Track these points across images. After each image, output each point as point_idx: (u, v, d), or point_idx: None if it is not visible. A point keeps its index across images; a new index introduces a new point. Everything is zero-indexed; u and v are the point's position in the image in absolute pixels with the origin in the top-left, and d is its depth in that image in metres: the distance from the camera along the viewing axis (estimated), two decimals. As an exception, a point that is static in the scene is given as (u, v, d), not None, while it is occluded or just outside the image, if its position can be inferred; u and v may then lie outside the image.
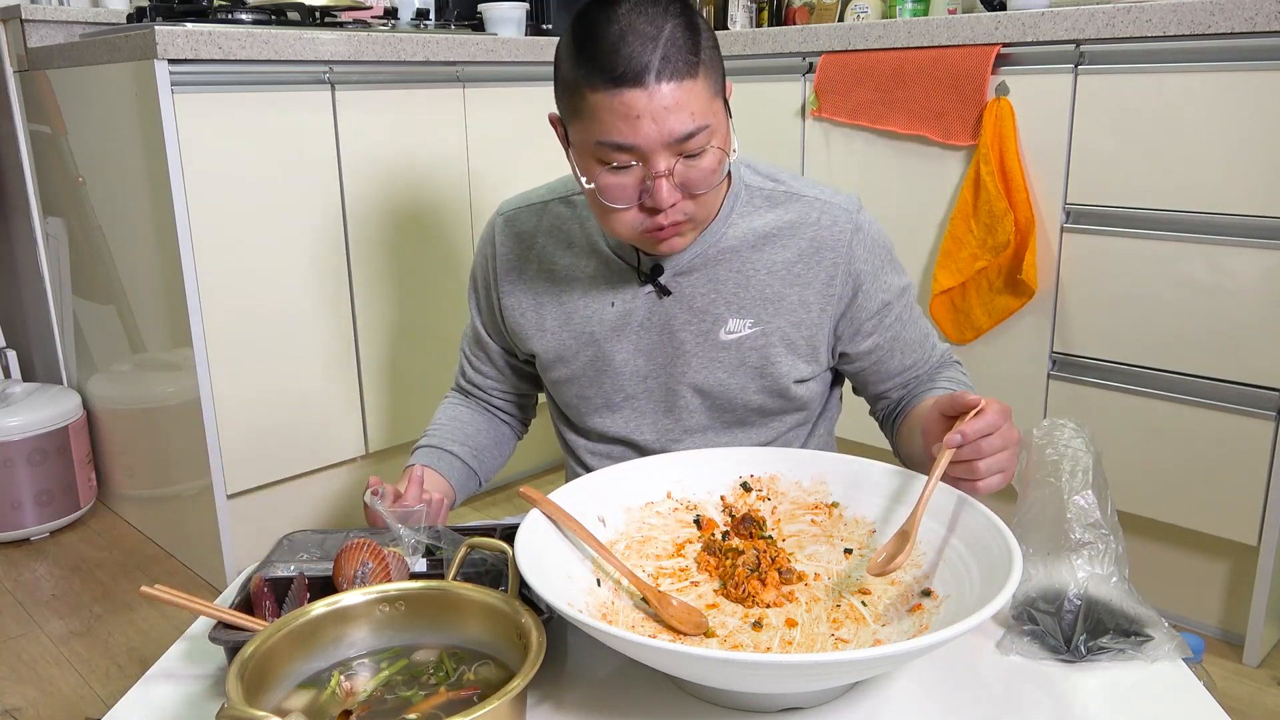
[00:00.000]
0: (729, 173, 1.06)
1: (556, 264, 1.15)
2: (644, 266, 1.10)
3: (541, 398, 1.35)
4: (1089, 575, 0.84)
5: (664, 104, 0.92)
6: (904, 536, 0.85)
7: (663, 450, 1.14)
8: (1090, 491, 0.86)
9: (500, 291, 1.19)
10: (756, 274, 1.09)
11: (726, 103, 1.01)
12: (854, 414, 1.35)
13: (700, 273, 1.10)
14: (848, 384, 1.26)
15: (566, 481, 1.29)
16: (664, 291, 1.10)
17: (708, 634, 0.83)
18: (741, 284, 1.09)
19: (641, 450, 1.17)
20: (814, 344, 1.12)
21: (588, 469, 1.22)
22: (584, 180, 0.99)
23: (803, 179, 1.14)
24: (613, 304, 1.12)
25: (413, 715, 0.71)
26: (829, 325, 1.11)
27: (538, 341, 1.18)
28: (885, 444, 2.19)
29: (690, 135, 0.94)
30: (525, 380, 1.30)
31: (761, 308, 1.10)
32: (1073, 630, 0.82)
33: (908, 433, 1.13)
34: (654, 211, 0.98)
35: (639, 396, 1.16)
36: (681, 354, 1.12)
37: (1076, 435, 0.89)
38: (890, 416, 1.21)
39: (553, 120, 1.04)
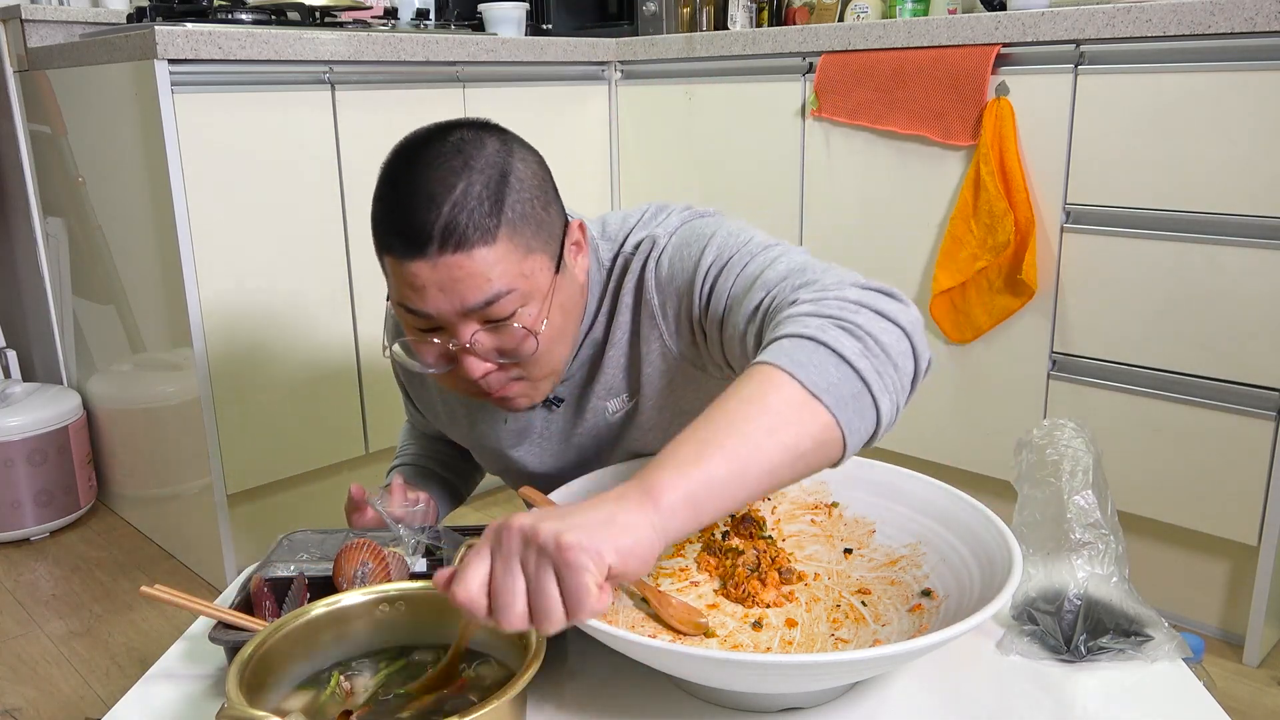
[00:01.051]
0: (566, 342, 0.96)
1: (444, 389, 1.11)
2: None
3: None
4: (1089, 575, 0.84)
5: (450, 274, 0.83)
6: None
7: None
8: (1090, 491, 0.86)
9: (410, 388, 1.20)
10: (628, 354, 1.01)
11: (561, 256, 0.91)
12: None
13: (578, 378, 1.04)
14: None
15: None
16: (555, 402, 1.05)
17: (708, 634, 0.83)
18: (618, 368, 1.02)
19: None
20: (695, 368, 1.00)
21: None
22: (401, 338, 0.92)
23: (648, 224, 1.01)
24: (505, 420, 1.07)
25: (405, 714, 0.71)
26: (686, 346, 0.98)
27: (449, 429, 1.17)
28: (885, 444, 2.18)
29: (489, 303, 0.84)
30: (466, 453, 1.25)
31: (626, 380, 1.02)
32: (1073, 630, 0.82)
33: None
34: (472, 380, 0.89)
35: (558, 483, 1.07)
36: (584, 456, 1.08)
37: (1076, 435, 0.89)
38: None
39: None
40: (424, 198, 0.83)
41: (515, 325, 0.87)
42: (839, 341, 0.72)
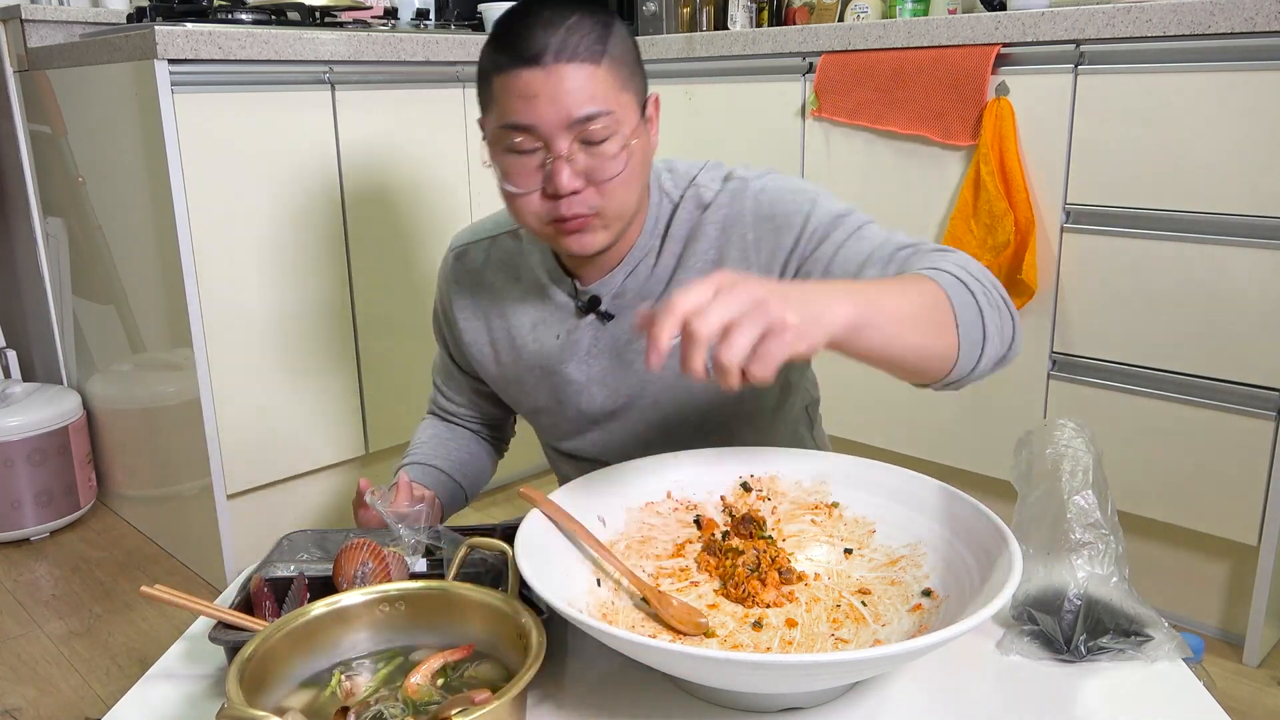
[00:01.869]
0: (649, 189, 1.05)
1: (505, 297, 1.16)
2: (581, 299, 1.10)
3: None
4: (1089, 575, 0.84)
5: (562, 85, 0.93)
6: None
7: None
8: (1090, 491, 0.86)
9: (458, 328, 1.20)
10: (685, 277, 1.07)
11: (646, 113, 1.01)
12: (854, 414, 1.35)
13: (634, 293, 1.09)
14: (840, 370, 1.21)
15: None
16: (606, 317, 1.10)
17: (708, 634, 0.83)
18: (673, 289, 1.05)
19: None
20: None
21: (571, 459, 1.23)
22: (493, 166, 1.00)
23: (710, 169, 1.11)
24: (558, 336, 1.12)
25: (395, 706, 0.71)
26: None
27: (495, 373, 1.19)
28: (885, 444, 2.19)
29: (589, 118, 0.94)
30: (497, 406, 1.30)
31: None
32: (1073, 630, 0.82)
33: None
34: (555, 200, 0.97)
35: (601, 420, 1.15)
36: (633, 373, 1.11)
37: (1077, 435, 0.89)
38: None
39: (480, 123, 1.03)
40: (544, 20, 0.94)
41: (608, 145, 0.95)
42: (986, 297, 0.88)
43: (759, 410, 1.18)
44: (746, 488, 1.00)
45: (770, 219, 1.04)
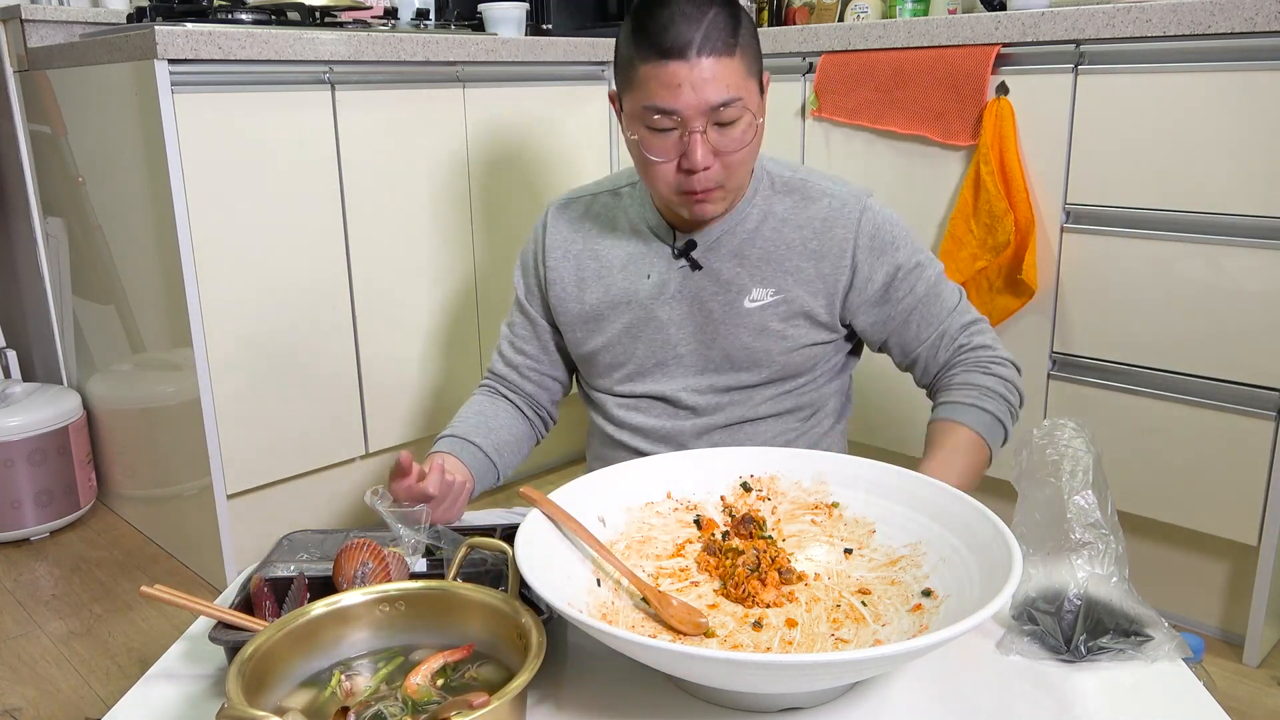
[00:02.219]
0: (753, 164, 1.21)
1: (600, 244, 1.28)
2: (679, 243, 1.23)
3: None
4: (1089, 575, 0.84)
5: (703, 75, 1.06)
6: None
7: (689, 405, 1.25)
8: (1090, 491, 0.86)
9: (546, 267, 1.30)
10: (777, 250, 1.22)
11: (762, 91, 1.15)
12: (855, 415, 1.35)
13: (727, 248, 1.22)
14: (860, 383, 1.33)
15: (588, 445, 1.38)
16: (695, 266, 1.23)
17: (708, 634, 0.83)
18: (763, 258, 1.22)
19: (671, 403, 1.27)
20: (830, 311, 1.23)
21: (614, 421, 1.31)
22: (632, 138, 1.13)
23: (818, 172, 1.27)
24: (649, 276, 1.25)
25: (390, 703, 0.71)
26: (840, 295, 1.22)
27: (576, 306, 1.28)
28: (885, 444, 2.19)
29: (724, 104, 1.08)
30: (563, 362, 1.37)
31: (782, 279, 1.22)
32: (1073, 630, 0.82)
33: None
34: (689, 173, 1.11)
35: (669, 362, 1.26)
36: (710, 322, 1.24)
37: (1077, 435, 0.89)
38: (930, 394, 1.28)
39: (611, 97, 1.19)
40: (685, 15, 1.07)
41: (737, 127, 1.10)
42: (1003, 415, 1.18)
43: (817, 405, 1.31)
44: (746, 488, 1.00)
45: (871, 239, 1.21)
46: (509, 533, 0.89)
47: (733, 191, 1.17)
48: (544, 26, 2.68)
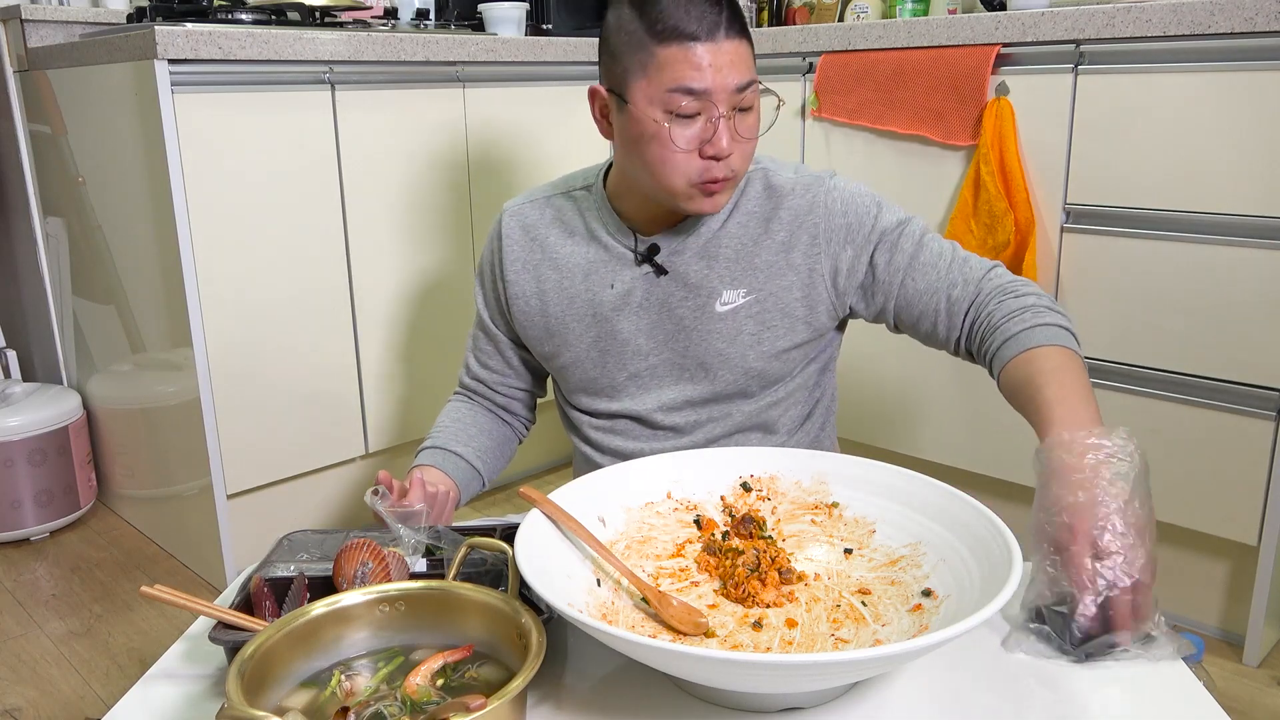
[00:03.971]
0: None
1: (559, 251, 1.22)
2: (640, 248, 1.18)
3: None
4: (1108, 582, 0.82)
5: (727, 57, 1.04)
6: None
7: (667, 425, 1.20)
8: (1132, 504, 0.84)
9: (505, 280, 1.25)
10: (744, 247, 1.16)
11: None
12: (854, 414, 1.35)
13: (693, 250, 1.17)
14: (843, 372, 1.28)
15: (574, 465, 1.33)
16: (661, 271, 1.17)
17: (708, 634, 0.83)
18: (732, 257, 1.16)
19: (647, 424, 1.22)
20: (811, 304, 1.17)
21: (593, 445, 1.26)
22: (646, 130, 1.07)
23: (778, 160, 1.22)
24: (612, 285, 1.19)
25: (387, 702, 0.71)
26: (825, 283, 1.16)
27: (540, 324, 1.23)
28: (885, 444, 2.19)
29: (747, 86, 1.06)
30: (530, 374, 1.34)
31: (753, 277, 1.16)
32: (1085, 633, 0.81)
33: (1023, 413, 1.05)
34: (713, 161, 1.07)
35: (643, 375, 1.21)
36: (681, 329, 1.18)
37: (1126, 443, 0.87)
38: (978, 354, 1.14)
39: (596, 92, 1.13)
40: None
41: (752, 113, 1.09)
42: (1063, 322, 1.06)
43: (801, 417, 1.25)
44: (746, 488, 1.00)
45: (843, 216, 1.16)
46: (509, 533, 0.89)
47: (739, 180, 1.13)
48: (544, 26, 2.68)
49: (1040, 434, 0.92)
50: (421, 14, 2.45)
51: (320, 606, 0.77)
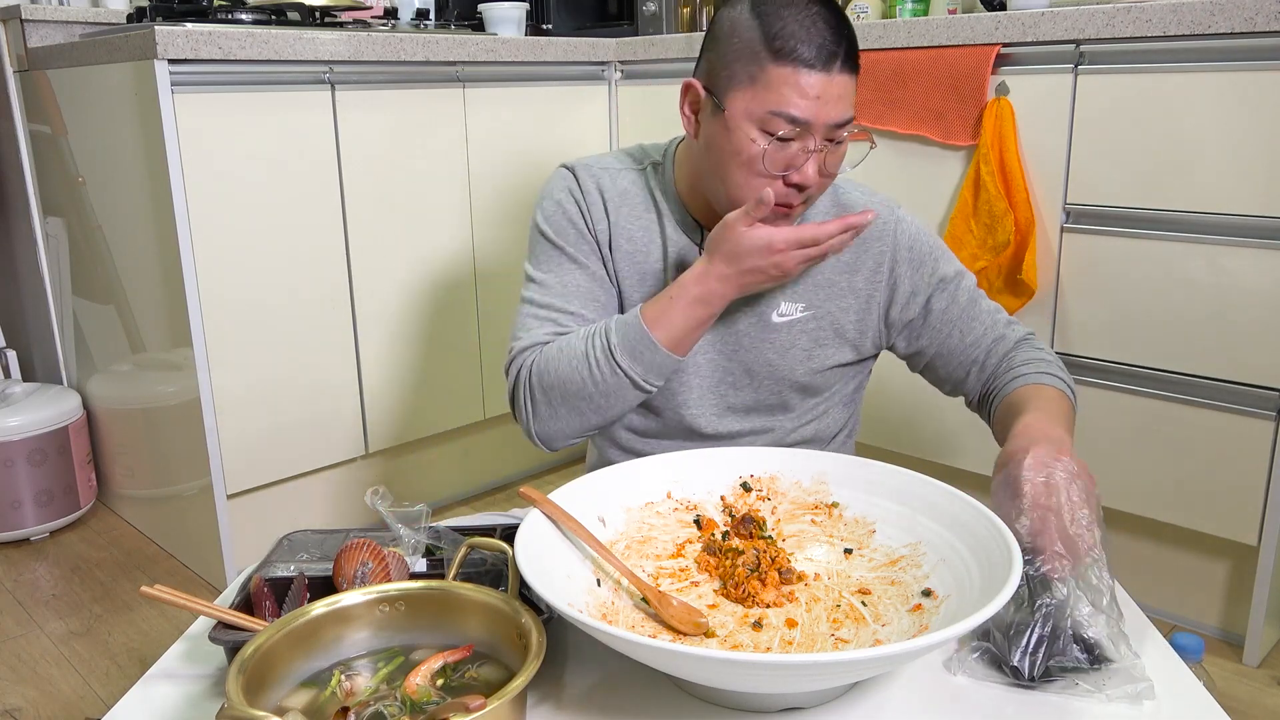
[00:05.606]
0: None
1: (632, 225, 1.17)
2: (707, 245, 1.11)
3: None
4: (1056, 604, 0.81)
5: (837, 91, 1.01)
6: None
7: (701, 427, 1.18)
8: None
9: (598, 235, 1.16)
10: (816, 268, 1.15)
11: None
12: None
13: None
14: (869, 398, 1.28)
15: (587, 462, 1.30)
16: None
17: (708, 634, 0.83)
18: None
19: (686, 428, 1.19)
20: (862, 329, 1.18)
21: (619, 446, 1.23)
22: (746, 141, 1.02)
23: (846, 179, 1.20)
24: (675, 274, 1.15)
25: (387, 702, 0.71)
26: (878, 311, 1.17)
27: (632, 270, 1.17)
28: (887, 445, 2.18)
29: (845, 123, 1.03)
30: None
31: (814, 293, 1.16)
32: (1025, 653, 0.79)
33: (1001, 432, 1.10)
34: (797, 188, 1.04)
35: (687, 371, 1.17)
36: (733, 334, 1.16)
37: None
38: (983, 406, 1.18)
39: (689, 86, 1.08)
40: (830, 24, 1.00)
41: (843, 147, 1.05)
42: (1069, 383, 1.11)
43: (832, 431, 1.25)
44: (746, 488, 1.00)
45: (909, 250, 1.16)
46: (509, 533, 0.89)
47: (803, 212, 1.11)
48: (544, 26, 2.69)
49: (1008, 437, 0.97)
50: (421, 14, 2.46)
51: (320, 606, 0.77)
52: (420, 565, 0.91)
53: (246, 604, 0.85)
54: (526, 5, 2.50)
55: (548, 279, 1.16)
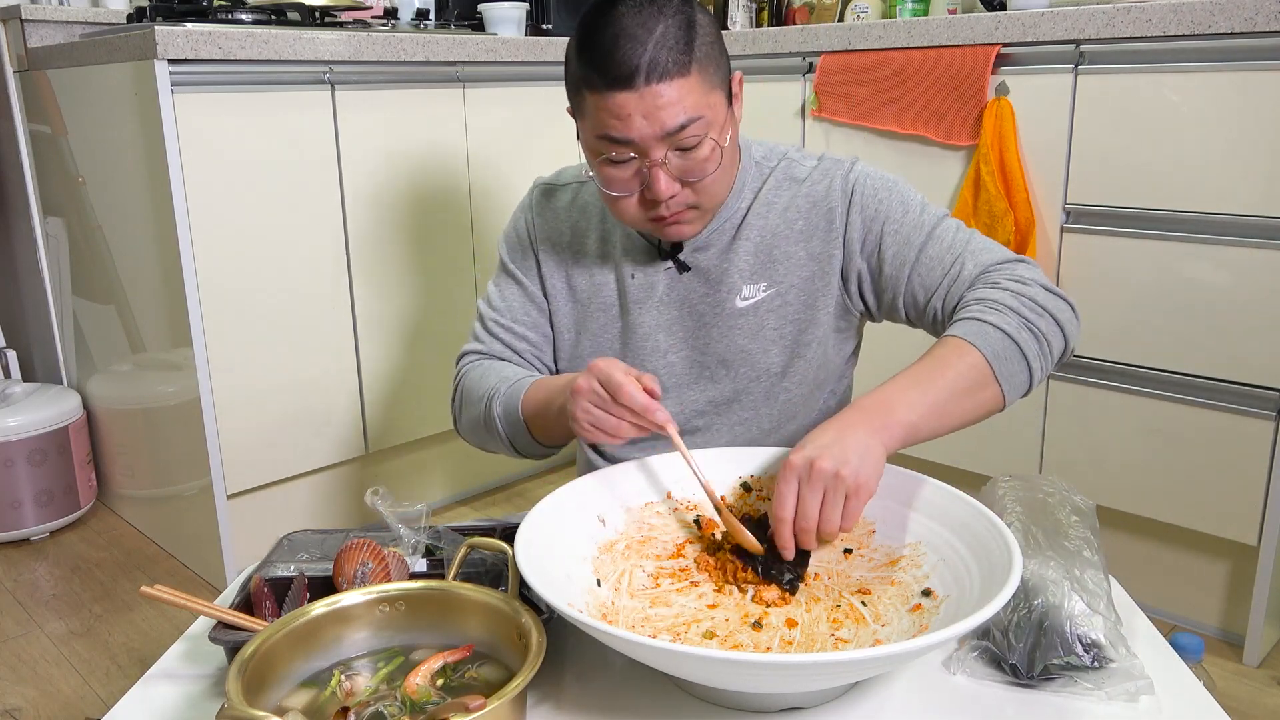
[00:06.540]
0: (740, 153, 1.13)
1: (586, 237, 1.20)
2: (664, 244, 1.15)
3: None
4: (1047, 604, 0.81)
5: (654, 102, 0.97)
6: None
7: (687, 426, 1.17)
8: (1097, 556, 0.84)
9: (539, 255, 1.22)
10: (764, 239, 1.14)
11: (732, 97, 1.06)
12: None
13: (716, 247, 1.14)
14: (857, 376, 1.26)
15: (577, 469, 1.30)
16: (683, 267, 1.15)
17: (708, 634, 0.83)
18: (752, 251, 1.13)
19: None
20: (829, 294, 1.13)
21: (603, 455, 1.23)
22: (588, 171, 1.07)
23: (799, 150, 1.19)
24: (633, 277, 1.17)
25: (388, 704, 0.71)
26: (837, 270, 1.12)
27: (565, 310, 1.21)
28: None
29: (682, 128, 0.99)
30: (549, 349, 1.26)
31: (773, 270, 1.14)
32: (1026, 651, 0.79)
33: None
34: (654, 202, 1.03)
35: (661, 371, 1.17)
36: (702, 326, 1.16)
37: (1072, 493, 0.89)
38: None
39: (570, 112, 1.09)
40: (628, 38, 0.97)
41: (701, 149, 1.01)
42: (1015, 331, 0.98)
43: (822, 388, 1.21)
44: (746, 488, 1.00)
45: (862, 197, 1.11)
46: (509, 533, 0.89)
47: (710, 208, 1.08)
48: (544, 26, 2.68)
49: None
50: (421, 14, 2.46)
51: (320, 606, 0.77)
52: (420, 565, 0.91)
53: (246, 604, 0.85)
54: (526, 5, 2.50)
55: (493, 292, 1.25)
